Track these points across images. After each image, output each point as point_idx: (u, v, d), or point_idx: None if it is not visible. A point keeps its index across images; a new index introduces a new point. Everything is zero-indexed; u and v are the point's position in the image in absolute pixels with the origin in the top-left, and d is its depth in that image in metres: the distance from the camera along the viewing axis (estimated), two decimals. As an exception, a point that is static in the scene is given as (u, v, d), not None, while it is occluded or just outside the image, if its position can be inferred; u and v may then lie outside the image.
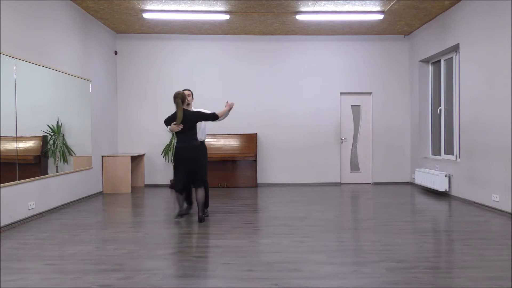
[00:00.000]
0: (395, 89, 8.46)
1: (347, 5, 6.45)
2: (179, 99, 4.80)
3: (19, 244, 4.01)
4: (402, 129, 8.47)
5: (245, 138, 8.16)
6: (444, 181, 6.63)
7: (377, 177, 8.47)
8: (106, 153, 7.53)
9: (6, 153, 4.64)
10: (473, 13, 5.97)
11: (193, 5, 6.43)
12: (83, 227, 4.73)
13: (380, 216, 5.25)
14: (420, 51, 7.79)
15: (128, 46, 8.21)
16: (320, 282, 2.94)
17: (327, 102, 8.41)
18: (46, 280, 3.00)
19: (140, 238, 4.24)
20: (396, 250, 3.71)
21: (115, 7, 6.50)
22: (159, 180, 8.27)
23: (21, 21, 4.97)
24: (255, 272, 3.15)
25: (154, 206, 6.13)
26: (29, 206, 5.05)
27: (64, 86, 6.02)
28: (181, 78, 8.17)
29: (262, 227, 4.70)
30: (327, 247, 3.84)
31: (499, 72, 5.37)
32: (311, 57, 8.39)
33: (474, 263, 3.33)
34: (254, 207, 6.06)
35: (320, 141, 8.41)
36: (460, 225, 4.73)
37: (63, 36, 6.03)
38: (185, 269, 3.26)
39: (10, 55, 4.70)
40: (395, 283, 2.90)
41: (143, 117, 8.25)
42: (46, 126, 5.52)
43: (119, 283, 2.93)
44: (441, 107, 7.39)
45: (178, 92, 4.88)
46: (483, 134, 5.73)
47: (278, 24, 7.54)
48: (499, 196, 5.38)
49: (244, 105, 8.09)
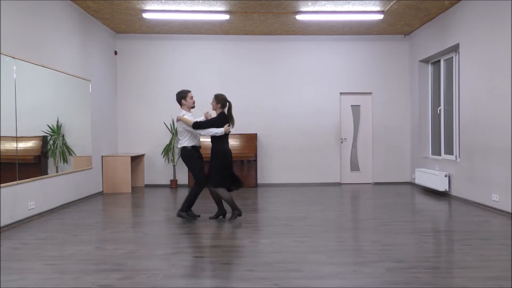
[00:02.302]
0: (395, 89, 8.46)
1: (347, 5, 6.45)
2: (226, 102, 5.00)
3: (19, 244, 4.01)
4: (402, 129, 8.47)
5: (245, 138, 8.16)
6: (444, 181, 6.63)
7: (377, 177, 8.47)
8: (106, 153, 7.53)
9: (6, 153, 4.64)
10: (473, 13, 5.97)
11: (193, 5, 6.43)
12: (83, 227, 4.73)
13: (380, 216, 5.25)
14: (420, 51, 7.79)
15: (128, 46, 8.21)
16: (320, 282, 2.94)
17: (327, 102, 8.41)
18: (46, 280, 3.00)
19: (140, 238, 4.24)
20: (396, 250, 3.71)
21: (115, 7, 6.50)
22: (159, 180, 8.27)
23: (21, 21, 4.97)
24: (255, 272, 3.15)
25: (154, 206, 6.13)
26: (29, 206, 5.05)
27: (64, 86, 6.02)
28: (181, 78, 8.17)
29: (262, 227, 4.70)
30: (327, 247, 3.84)
31: (499, 72, 5.37)
32: (311, 57, 8.38)
33: (474, 263, 3.34)
34: (254, 207, 6.06)
35: (320, 141, 8.41)
36: (460, 225, 4.73)
37: (63, 36, 6.03)
38: (185, 269, 3.26)
39: (10, 55, 4.69)
40: (395, 283, 2.90)
41: (143, 117, 8.25)
42: (46, 126, 5.52)
43: (119, 283, 2.93)
44: (441, 107, 7.39)
45: (221, 95, 5.03)
46: (483, 134, 5.73)
47: (278, 24, 7.54)
48: (499, 196, 5.38)
49: (244, 105, 8.09)
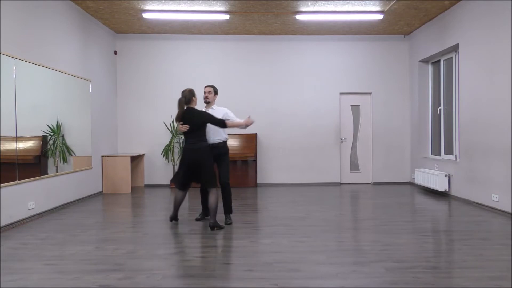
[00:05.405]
0: (395, 89, 8.46)
1: (347, 5, 6.45)
2: (182, 98, 4.65)
3: (19, 244, 4.01)
4: (401, 129, 8.47)
5: (245, 138, 8.16)
6: (443, 181, 6.63)
7: (377, 177, 8.47)
8: (106, 153, 7.53)
9: (6, 153, 4.64)
10: (473, 13, 5.97)
11: (193, 5, 6.43)
12: (83, 227, 4.73)
13: (380, 216, 5.25)
14: (420, 51, 7.79)
15: (128, 46, 8.21)
16: (320, 282, 2.94)
17: (327, 102, 8.42)
18: (46, 280, 3.00)
19: (140, 238, 4.24)
20: (396, 250, 3.71)
21: (115, 7, 6.50)
22: (159, 180, 8.27)
23: (21, 21, 4.97)
24: (255, 272, 3.15)
25: (154, 206, 6.13)
26: (29, 206, 5.05)
27: (64, 86, 6.01)
28: (181, 78, 8.17)
29: (262, 227, 4.70)
30: (327, 247, 3.84)
31: (498, 72, 5.37)
32: (311, 57, 8.39)
33: (474, 263, 3.34)
34: (254, 207, 6.06)
35: (320, 141, 8.41)
36: (460, 225, 4.73)
37: (63, 36, 6.03)
38: (185, 269, 3.26)
39: (10, 55, 4.69)
40: (395, 283, 2.90)
41: (143, 117, 8.25)
42: (46, 126, 5.52)
43: (119, 283, 2.93)
44: (441, 107, 7.39)
45: (183, 90, 4.72)
46: (483, 134, 5.74)
47: (278, 24, 7.54)
48: (499, 196, 5.39)
49: (244, 105, 8.08)
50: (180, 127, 4.64)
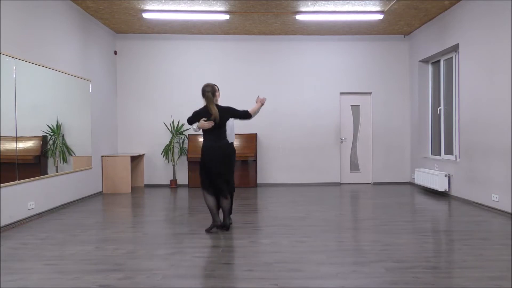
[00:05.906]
0: (394, 89, 8.46)
1: (347, 5, 6.45)
2: (209, 92, 4.20)
3: (19, 244, 4.01)
4: (401, 129, 8.47)
5: (245, 138, 8.16)
6: (443, 181, 6.63)
7: (377, 177, 8.47)
8: (106, 153, 7.53)
9: (6, 153, 4.64)
10: (472, 13, 5.97)
11: (192, 5, 6.43)
12: (83, 227, 4.73)
13: (380, 216, 5.25)
14: (420, 51, 7.79)
15: (128, 46, 8.21)
16: (320, 282, 2.94)
17: (327, 102, 8.42)
18: (46, 280, 3.00)
19: (140, 238, 4.24)
20: (396, 250, 3.71)
21: (115, 7, 6.50)
22: (159, 180, 8.27)
23: (21, 21, 4.97)
24: (255, 272, 3.15)
25: (154, 206, 6.13)
26: (29, 206, 5.05)
27: (64, 86, 6.01)
28: (181, 78, 8.18)
29: (262, 227, 4.70)
30: (327, 247, 3.84)
31: (498, 72, 5.37)
32: (311, 57, 8.38)
33: (474, 263, 3.34)
34: (254, 207, 6.06)
35: (320, 141, 8.41)
36: (460, 225, 4.73)
37: (63, 36, 6.03)
38: (185, 269, 3.26)
39: (10, 55, 4.69)
40: (395, 283, 2.90)
41: (143, 117, 8.25)
42: (46, 126, 5.52)
43: (119, 283, 2.93)
44: (441, 107, 7.39)
45: (207, 84, 4.29)
46: (483, 134, 5.74)
47: (278, 24, 7.54)
48: (499, 196, 5.39)
49: (243, 105, 8.04)
50: (203, 124, 4.22)
